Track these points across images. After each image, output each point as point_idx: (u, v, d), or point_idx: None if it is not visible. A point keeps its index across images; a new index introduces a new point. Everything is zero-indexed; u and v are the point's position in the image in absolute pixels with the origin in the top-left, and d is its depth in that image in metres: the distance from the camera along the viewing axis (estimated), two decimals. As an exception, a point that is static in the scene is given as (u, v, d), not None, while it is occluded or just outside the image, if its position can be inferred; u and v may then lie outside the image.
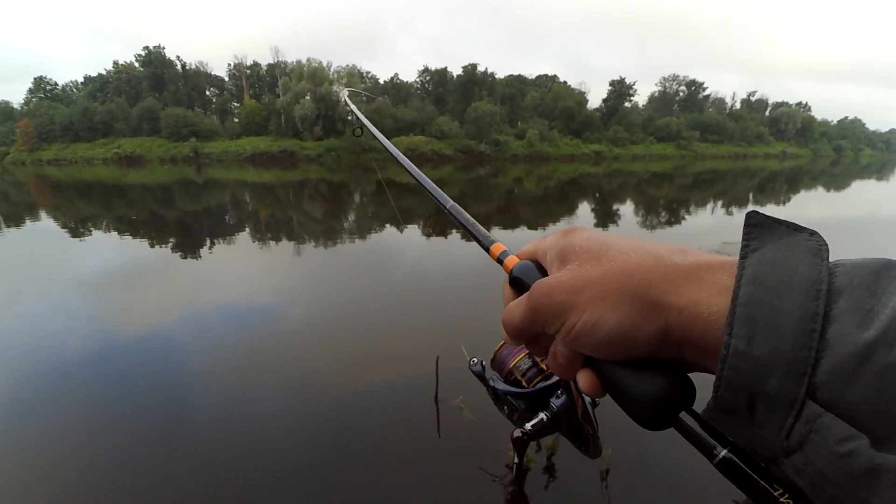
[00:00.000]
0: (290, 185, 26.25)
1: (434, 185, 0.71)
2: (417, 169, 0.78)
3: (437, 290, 6.80)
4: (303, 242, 10.60)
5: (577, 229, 0.41)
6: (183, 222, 13.43)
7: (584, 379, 0.37)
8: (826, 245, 0.30)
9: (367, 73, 68.38)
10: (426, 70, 65.54)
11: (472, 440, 3.41)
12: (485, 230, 0.55)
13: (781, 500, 0.28)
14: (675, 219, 13.67)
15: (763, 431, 0.27)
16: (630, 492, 2.98)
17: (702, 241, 8.96)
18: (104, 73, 62.23)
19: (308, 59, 55.10)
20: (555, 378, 0.55)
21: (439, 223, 12.68)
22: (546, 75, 74.78)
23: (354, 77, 54.88)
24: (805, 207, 18.29)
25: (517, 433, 0.54)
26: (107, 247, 9.99)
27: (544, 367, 0.56)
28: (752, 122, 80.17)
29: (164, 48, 60.52)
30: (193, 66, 63.82)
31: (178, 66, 62.00)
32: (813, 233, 0.31)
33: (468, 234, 0.58)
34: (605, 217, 14.34)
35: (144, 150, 50.30)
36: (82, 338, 5.10)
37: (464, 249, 10.06)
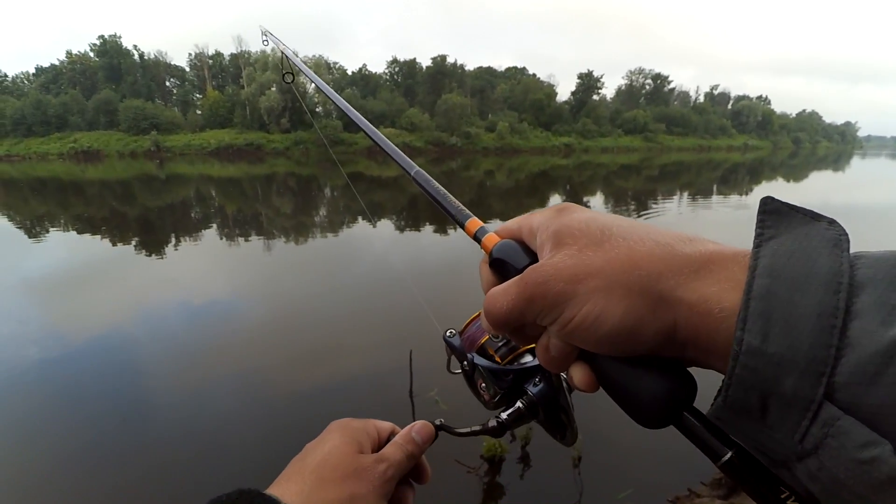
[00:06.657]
0: (257, 179, 25.64)
1: (397, 148, 0.62)
2: (376, 130, 0.69)
3: (408, 283, 6.75)
4: (271, 238, 10.37)
5: (571, 207, 0.37)
6: (145, 219, 12.94)
7: (578, 373, 0.35)
8: (846, 235, 0.28)
9: (335, 63, 67.13)
10: (395, 61, 64.73)
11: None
12: (457, 202, 0.48)
13: (788, 503, 0.27)
14: (643, 209, 13.93)
15: (775, 433, 0.26)
16: (602, 476, 3.03)
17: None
18: (57, 63, 59.32)
19: (272, 49, 53.42)
20: (532, 360, 0.51)
21: (411, 216, 12.60)
22: (515, 67, 74.99)
23: (322, 67, 53.68)
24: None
25: (492, 422, 0.50)
26: (65, 246, 9.54)
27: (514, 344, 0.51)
28: (714, 115, 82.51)
29: (120, 37, 57.94)
30: (152, 56, 61.35)
31: (136, 56, 59.48)
32: (832, 221, 0.29)
33: (437, 207, 0.50)
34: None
35: (102, 145, 48.12)
36: (34, 342, 4.86)
37: (431, 239, 10.02)
